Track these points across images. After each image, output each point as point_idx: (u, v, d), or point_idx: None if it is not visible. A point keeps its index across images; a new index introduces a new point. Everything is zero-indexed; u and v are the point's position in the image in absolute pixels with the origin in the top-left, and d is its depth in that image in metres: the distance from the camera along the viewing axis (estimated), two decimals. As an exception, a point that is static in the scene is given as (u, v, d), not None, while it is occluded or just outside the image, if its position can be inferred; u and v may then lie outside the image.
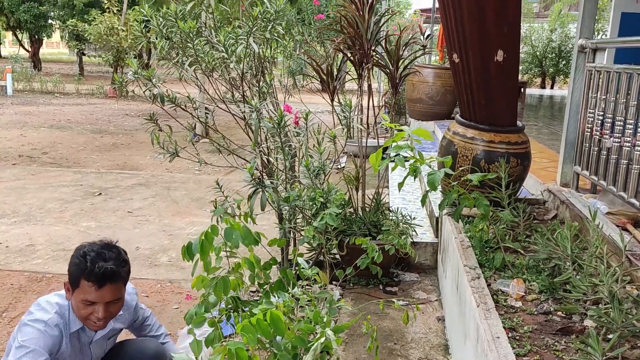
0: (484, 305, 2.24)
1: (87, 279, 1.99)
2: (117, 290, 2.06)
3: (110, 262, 2.02)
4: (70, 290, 2.07)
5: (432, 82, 8.80)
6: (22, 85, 18.26)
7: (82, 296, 2.01)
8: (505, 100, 3.53)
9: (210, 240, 1.87)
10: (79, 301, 2.02)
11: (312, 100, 4.26)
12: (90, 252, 2.03)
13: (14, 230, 5.04)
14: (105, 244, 2.11)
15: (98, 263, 1.99)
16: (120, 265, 2.06)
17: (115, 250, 2.11)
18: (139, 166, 8.14)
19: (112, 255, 2.06)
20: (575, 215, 3.24)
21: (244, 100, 3.32)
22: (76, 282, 2.02)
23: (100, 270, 1.98)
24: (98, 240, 2.15)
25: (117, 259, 2.06)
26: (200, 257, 1.90)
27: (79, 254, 2.05)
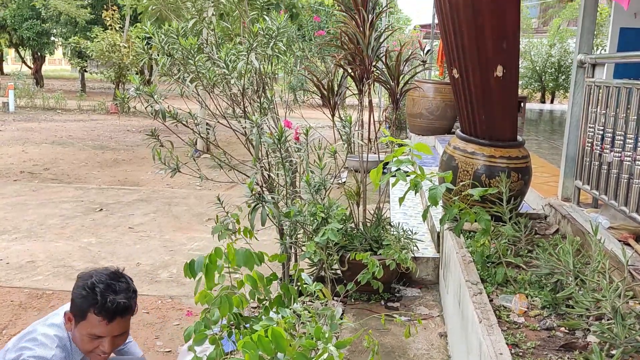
0: (486, 321, 2.23)
1: (97, 313, 1.87)
2: (126, 323, 1.98)
3: (121, 295, 1.91)
4: (72, 321, 1.95)
5: (432, 97, 8.84)
6: (24, 101, 18.36)
7: (89, 330, 1.89)
8: (505, 115, 3.54)
9: (214, 262, 1.88)
10: (85, 334, 1.91)
11: (313, 115, 4.28)
12: (98, 284, 1.90)
13: (15, 246, 5.03)
14: (113, 273, 1.99)
15: (109, 297, 1.88)
16: (131, 297, 1.96)
17: (124, 280, 2.00)
18: (140, 182, 8.15)
19: (123, 287, 1.95)
20: (577, 230, 3.23)
21: (245, 115, 3.33)
22: (83, 315, 1.90)
23: (112, 305, 1.87)
24: (103, 268, 2.03)
25: (127, 291, 1.95)
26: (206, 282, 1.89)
27: (86, 284, 1.91)
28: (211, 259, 1.87)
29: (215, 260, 1.88)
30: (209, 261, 1.86)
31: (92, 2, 23.71)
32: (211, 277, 1.89)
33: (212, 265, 1.87)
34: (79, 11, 20.59)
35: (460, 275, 2.76)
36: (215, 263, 1.89)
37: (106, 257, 4.81)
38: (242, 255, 1.90)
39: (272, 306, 2.01)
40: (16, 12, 24.37)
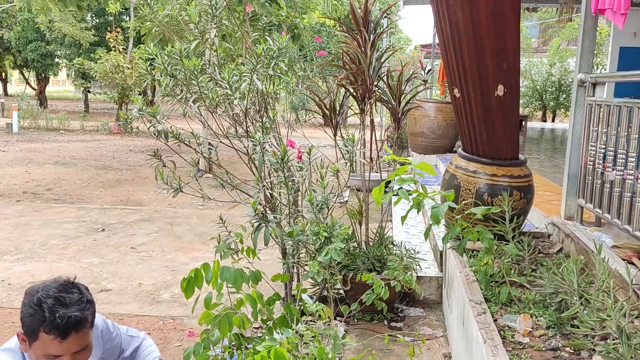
0: (491, 341, 2.21)
1: (48, 331, 1.67)
2: (83, 337, 1.76)
3: (73, 308, 1.70)
4: (26, 342, 1.75)
5: (433, 116, 8.88)
6: (28, 122, 18.49)
7: (44, 350, 1.70)
8: (506, 133, 3.55)
9: (200, 277, 1.86)
10: (41, 355, 1.71)
11: (315, 134, 4.30)
12: (46, 299, 1.69)
13: (17, 267, 5.02)
14: (62, 285, 1.78)
15: (58, 312, 1.67)
16: (85, 308, 1.75)
17: (76, 290, 1.79)
18: (142, 202, 8.16)
19: (74, 298, 1.74)
20: (581, 249, 3.22)
21: (247, 135, 3.35)
22: (33, 334, 1.70)
23: (62, 320, 1.67)
24: (52, 280, 1.81)
25: (79, 302, 1.74)
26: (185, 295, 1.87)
27: (32, 301, 1.71)
28: (196, 275, 1.86)
29: (200, 276, 1.86)
30: (193, 276, 1.84)
31: (96, 24, 24.05)
32: (191, 291, 1.86)
33: (196, 280, 1.86)
34: (83, 33, 20.84)
35: (464, 295, 2.74)
36: (201, 279, 1.87)
37: (108, 278, 4.79)
38: (232, 274, 1.88)
39: (275, 326, 2.00)
40: (21, 34, 24.67)
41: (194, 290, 1.85)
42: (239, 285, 1.83)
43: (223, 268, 1.85)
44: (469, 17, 3.29)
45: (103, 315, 2.15)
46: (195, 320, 3.92)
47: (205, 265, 1.86)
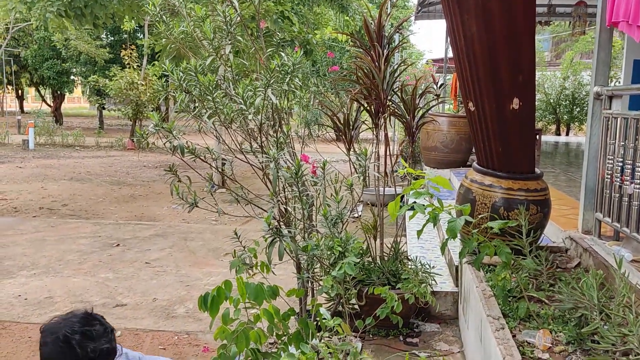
0: (510, 357, 2.17)
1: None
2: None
3: (101, 341, 1.71)
4: None
5: (446, 131, 8.86)
6: (44, 139, 18.74)
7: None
8: (522, 147, 3.53)
9: (222, 295, 1.86)
10: None
11: (328, 149, 4.30)
12: (73, 335, 1.68)
13: (33, 282, 5.06)
14: (83, 319, 1.76)
15: (89, 346, 1.67)
16: (111, 339, 1.76)
17: (97, 322, 1.78)
18: (156, 217, 8.20)
19: (100, 330, 1.74)
20: (600, 263, 3.17)
21: (261, 150, 3.36)
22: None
23: (95, 354, 1.68)
24: (69, 314, 1.79)
25: (105, 334, 1.74)
26: (210, 314, 1.87)
27: (58, 339, 1.67)
28: (219, 292, 1.86)
29: (222, 293, 1.86)
30: (216, 294, 1.84)
31: (111, 42, 24.42)
32: (216, 310, 1.86)
33: (219, 298, 1.86)
34: (98, 51, 21.18)
35: (481, 310, 2.71)
36: (223, 296, 1.87)
37: (123, 293, 4.80)
38: (253, 289, 1.88)
39: (290, 342, 1.98)
40: (37, 52, 25.12)
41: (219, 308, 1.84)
42: (260, 301, 1.83)
43: (245, 284, 1.85)
44: (484, 30, 3.29)
45: (118, 330, 2.15)
46: (210, 336, 3.91)
47: (227, 283, 1.86)
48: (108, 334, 1.75)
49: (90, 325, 1.73)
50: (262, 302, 1.89)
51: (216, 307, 1.84)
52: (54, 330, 1.70)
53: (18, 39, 25.14)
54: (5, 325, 4.08)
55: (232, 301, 1.95)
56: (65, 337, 1.66)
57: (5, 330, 4.01)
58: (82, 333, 1.69)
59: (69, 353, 1.65)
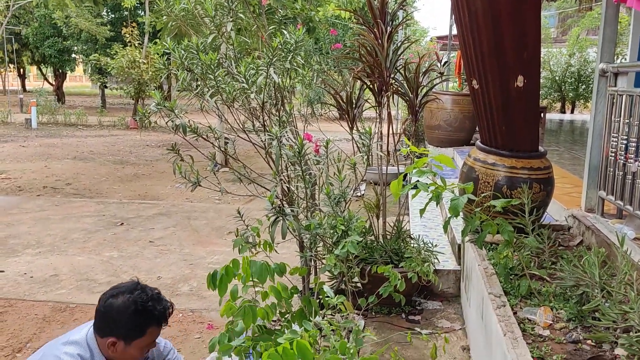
0: (510, 334, 2.19)
1: (158, 324, 2.06)
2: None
3: (162, 300, 2.09)
4: (116, 344, 2.02)
5: (450, 109, 8.81)
6: (47, 118, 18.71)
7: (148, 340, 2.06)
8: (526, 125, 3.51)
9: (230, 274, 1.89)
10: (142, 347, 2.06)
11: (330, 128, 4.29)
12: (146, 303, 2.03)
13: (38, 260, 5.10)
14: (141, 286, 2.10)
15: (159, 307, 2.05)
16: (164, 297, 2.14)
17: (147, 287, 2.13)
18: (159, 196, 8.23)
19: (156, 292, 2.11)
20: (602, 241, 3.17)
21: (264, 129, 3.35)
22: (141, 333, 2.03)
23: (166, 311, 2.08)
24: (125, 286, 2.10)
25: (159, 293, 2.12)
26: (219, 292, 1.93)
27: (136, 308, 2.00)
28: (227, 271, 1.90)
29: (231, 272, 1.90)
30: (224, 273, 1.88)
31: (111, 19, 24.21)
32: (224, 288, 1.92)
33: (227, 277, 1.90)
34: (99, 29, 20.99)
35: (483, 288, 2.72)
36: (232, 275, 1.91)
37: (128, 271, 4.84)
38: (258, 268, 1.91)
39: (293, 319, 2.00)
40: (38, 30, 24.94)
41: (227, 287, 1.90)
42: (263, 279, 1.86)
43: (250, 262, 1.88)
44: (488, 5, 3.25)
45: None
46: (214, 313, 3.95)
47: (234, 261, 1.89)
48: (160, 294, 2.12)
49: (150, 290, 2.09)
50: (265, 280, 1.92)
51: (224, 285, 1.89)
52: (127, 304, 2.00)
53: (19, 16, 24.94)
54: (11, 303, 4.13)
55: (241, 278, 1.98)
56: (142, 305, 2.01)
57: (12, 307, 4.06)
58: (152, 298, 2.04)
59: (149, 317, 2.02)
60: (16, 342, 3.54)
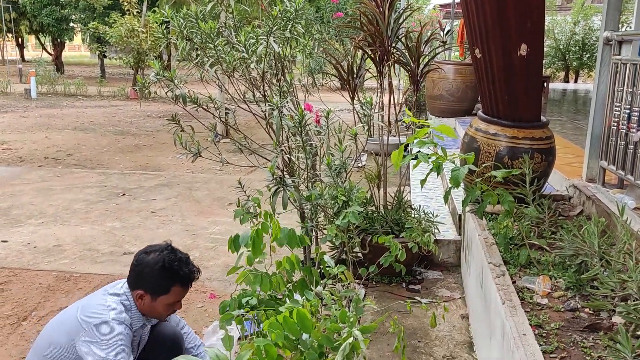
0: (509, 302, 2.22)
1: (182, 285, 2.20)
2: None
3: (191, 265, 2.22)
4: (144, 298, 2.19)
5: (452, 79, 8.73)
6: (46, 88, 18.60)
7: (172, 299, 2.20)
8: (528, 95, 3.48)
9: (261, 236, 1.95)
10: (167, 304, 2.20)
11: (332, 98, 4.26)
12: (173, 262, 2.17)
13: (42, 230, 5.14)
14: (172, 249, 2.24)
15: (185, 270, 2.19)
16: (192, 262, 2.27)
17: (179, 251, 2.27)
18: (161, 167, 8.23)
19: (185, 257, 2.25)
20: (602, 211, 3.18)
21: (264, 99, 3.33)
22: (166, 290, 2.18)
23: (192, 274, 2.22)
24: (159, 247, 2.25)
25: (188, 258, 2.26)
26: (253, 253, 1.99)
27: (163, 267, 2.15)
28: (258, 233, 1.96)
29: (261, 234, 1.96)
30: (255, 235, 1.94)
31: (109, -14, 23.80)
32: (258, 250, 1.98)
33: (258, 239, 1.96)
34: (96, -4, 20.68)
35: (483, 257, 2.75)
36: (262, 237, 1.97)
37: (130, 241, 4.88)
38: (286, 234, 1.97)
39: (295, 289, 2.03)
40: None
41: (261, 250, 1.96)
42: (293, 245, 1.91)
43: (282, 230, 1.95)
44: (491, -26, 3.19)
45: None
46: (216, 283, 4.00)
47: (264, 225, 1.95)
48: (189, 259, 2.27)
49: (180, 254, 2.24)
50: (295, 247, 1.99)
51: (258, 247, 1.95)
52: (157, 260, 2.17)
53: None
54: (15, 272, 4.18)
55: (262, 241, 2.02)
56: (170, 264, 2.15)
57: (16, 277, 4.10)
58: (180, 260, 2.19)
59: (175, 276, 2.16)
60: (21, 310, 3.60)
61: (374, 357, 2.78)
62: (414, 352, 2.83)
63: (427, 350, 2.86)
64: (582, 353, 1.96)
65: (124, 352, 2.03)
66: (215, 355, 1.32)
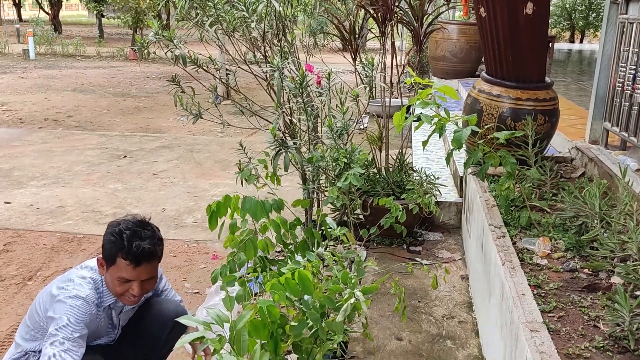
0: (509, 263, 2.24)
1: (125, 257, 1.96)
2: (153, 269, 2.05)
3: (146, 242, 1.99)
4: (104, 266, 2.04)
5: (456, 39, 8.59)
6: (44, 48, 18.36)
7: (119, 274, 1.99)
8: (533, 55, 3.43)
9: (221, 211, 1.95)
10: (115, 278, 2.00)
11: (333, 60, 4.20)
12: (125, 230, 1.98)
13: (44, 192, 5.16)
14: (139, 222, 2.06)
15: (135, 242, 1.96)
16: (156, 244, 2.03)
17: (150, 228, 2.07)
18: (161, 129, 8.20)
19: (148, 234, 2.02)
20: (604, 173, 3.18)
21: (265, 60, 3.28)
22: (112, 259, 1.99)
23: (137, 249, 1.96)
24: (131, 216, 2.09)
25: (153, 238, 2.03)
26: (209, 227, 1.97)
27: (114, 231, 2.00)
28: (219, 207, 1.94)
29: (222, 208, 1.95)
30: (215, 209, 1.91)
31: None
32: (215, 223, 1.97)
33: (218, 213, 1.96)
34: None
35: (484, 219, 2.76)
36: (224, 211, 1.96)
37: (132, 203, 4.91)
38: (252, 205, 1.94)
39: (297, 250, 2.04)
40: (31, -44, 24.00)
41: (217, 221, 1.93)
42: (258, 217, 1.89)
43: (245, 199, 1.90)
44: None
45: None
46: (218, 244, 4.03)
47: (226, 197, 1.91)
48: (155, 240, 2.03)
49: (143, 228, 2.03)
50: (260, 218, 1.96)
51: (215, 220, 1.93)
52: (114, 225, 2.03)
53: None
54: (19, 233, 4.21)
55: (240, 212, 2.00)
56: (120, 231, 1.99)
57: (20, 238, 4.14)
58: (133, 231, 1.99)
59: (118, 243, 1.97)
60: (26, 270, 3.64)
61: (374, 317, 2.83)
62: (414, 312, 2.88)
63: (427, 310, 2.90)
64: (580, 312, 1.99)
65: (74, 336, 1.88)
66: (216, 315, 1.34)
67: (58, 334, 1.86)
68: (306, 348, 1.60)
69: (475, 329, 2.74)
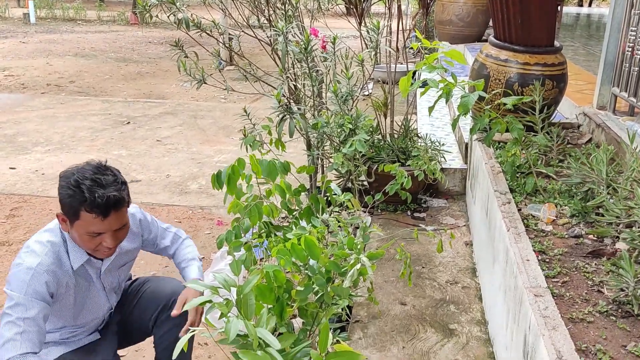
0: (514, 229, 2.24)
1: (90, 210, 1.74)
2: (122, 216, 1.83)
3: (110, 189, 1.76)
4: (66, 222, 1.81)
5: (463, 2, 8.43)
6: (45, 12, 18.14)
7: (87, 228, 1.77)
8: (542, 18, 3.36)
9: (237, 172, 1.88)
10: (84, 234, 1.79)
11: (338, 25, 4.13)
12: (83, 181, 1.74)
13: (49, 158, 5.17)
14: (96, 167, 1.81)
15: (97, 192, 1.73)
16: (120, 189, 1.80)
17: (110, 172, 1.83)
18: (165, 95, 8.15)
19: (110, 180, 1.79)
20: (612, 139, 3.15)
21: (269, 24, 3.23)
22: (75, 214, 1.76)
23: (102, 200, 1.73)
24: (84, 163, 1.84)
25: (115, 183, 1.79)
26: (227, 190, 1.91)
27: (69, 183, 1.76)
28: (234, 170, 1.88)
29: (237, 170, 1.89)
30: (231, 172, 1.86)
31: None
32: (234, 187, 1.89)
33: (234, 175, 1.89)
34: None
35: (489, 185, 2.75)
36: (238, 174, 1.90)
37: (137, 169, 4.91)
38: (266, 166, 1.90)
39: (302, 216, 2.04)
40: None
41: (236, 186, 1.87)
42: (274, 177, 1.85)
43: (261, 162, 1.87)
44: None
45: (136, 204, 2.19)
46: (223, 210, 4.05)
47: (240, 160, 1.87)
48: (118, 184, 1.80)
49: (102, 174, 1.79)
50: (275, 178, 1.92)
51: (233, 184, 1.87)
52: (68, 175, 1.78)
53: None
54: (25, 199, 4.23)
55: (245, 177, 1.98)
56: (76, 182, 1.74)
57: (26, 203, 4.17)
58: (92, 179, 1.75)
59: (78, 196, 1.73)
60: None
61: (379, 282, 2.85)
62: (418, 278, 2.90)
63: (431, 276, 2.93)
64: (584, 277, 1.99)
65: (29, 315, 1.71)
66: (224, 280, 1.35)
67: (12, 314, 1.70)
68: (312, 312, 1.62)
69: (478, 294, 2.77)
